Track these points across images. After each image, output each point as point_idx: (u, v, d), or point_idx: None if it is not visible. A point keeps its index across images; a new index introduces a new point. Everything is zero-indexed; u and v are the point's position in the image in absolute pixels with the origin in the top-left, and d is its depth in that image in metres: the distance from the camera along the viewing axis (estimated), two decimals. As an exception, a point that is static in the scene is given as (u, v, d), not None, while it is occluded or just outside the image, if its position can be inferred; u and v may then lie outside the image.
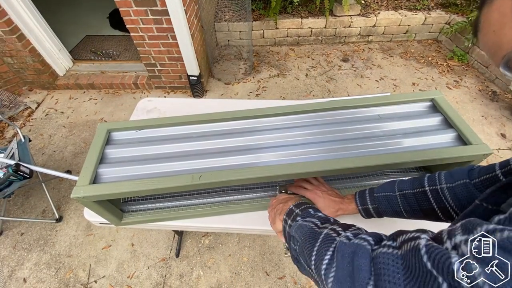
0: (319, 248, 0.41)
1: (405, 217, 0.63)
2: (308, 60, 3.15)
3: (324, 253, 0.39)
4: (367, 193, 0.68)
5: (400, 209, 0.62)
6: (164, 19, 2.12)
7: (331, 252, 0.38)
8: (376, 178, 0.91)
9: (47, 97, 2.77)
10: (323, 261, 0.38)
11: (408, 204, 0.60)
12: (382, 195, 0.65)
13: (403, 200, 0.61)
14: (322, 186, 0.79)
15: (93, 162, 0.74)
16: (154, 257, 1.64)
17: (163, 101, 1.33)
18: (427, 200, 0.57)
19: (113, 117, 2.54)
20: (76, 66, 2.95)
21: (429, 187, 0.57)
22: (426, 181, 0.59)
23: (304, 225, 0.48)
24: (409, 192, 0.60)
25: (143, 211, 0.89)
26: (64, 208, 1.88)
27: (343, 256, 0.36)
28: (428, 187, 0.57)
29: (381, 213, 0.66)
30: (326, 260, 0.38)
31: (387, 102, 0.88)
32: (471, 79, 2.79)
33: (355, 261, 0.34)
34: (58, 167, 2.12)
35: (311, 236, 0.44)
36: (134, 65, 2.92)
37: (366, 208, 0.68)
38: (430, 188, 0.57)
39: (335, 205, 0.73)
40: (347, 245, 0.37)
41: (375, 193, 0.66)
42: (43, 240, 1.73)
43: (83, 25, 3.70)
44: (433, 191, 0.56)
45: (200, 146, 0.82)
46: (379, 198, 0.65)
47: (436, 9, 3.26)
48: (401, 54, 3.19)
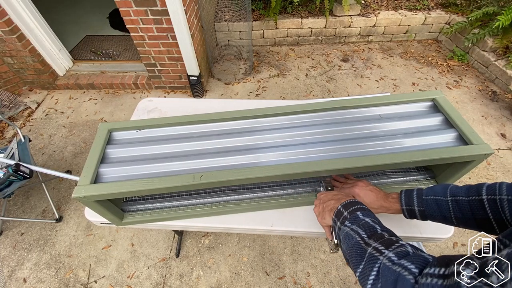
0: (364, 267, 0.45)
1: (454, 225, 0.60)
2: (308, 60, 3.15)
3: (368, 273, 0.43)
4: (414, 194, 0.65)
5: (450, 215, 0.58)
6: (164, 19, 2.12)
7: (375, 272, 0.42)
8: (377, 178, 0.91)
9: (47, 97, 2.77)
10: (367, 280, 0.42)
11: (461, 211, 0.57)
12: (432, 198, 0.61)
13: (455, 206, 0.57)
14: (362, 182, 0.78)
15: (94, 162, 0.74)
16: (154, 257, 1.64)
17: (163, 101, 1.33)
18: (483, 209, 0.53)
19: (113, 117, 2.54)
20: (76, 66, 2.95)
21: (487, 196, 0.52)
22: (484, 190, 0.54)
23: (351, 237, 0.51)
24: (463, 198, 0.56)
25: (144, 211, 0.89)
26: (64, 208, 1.88)
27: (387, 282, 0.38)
28: (486, 195, 0.53)
29: (426, 217, 0.63)
30: (371, 281, 0.42)
31: (388, 102, 0.88)
32: (471, 79, 2.79)
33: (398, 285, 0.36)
34: (58, 167, 2.12)
35: (357, 252, 0.48)
36: (134, 65, 2.92)
37: (411, 209, 0.65)
38: (488, 197, 0.52)
39: (377, 202, 0.71)
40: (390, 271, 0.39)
41: (424, 195, 0.63)
42: (43, 240, 1.73)
43: (83, 25, 3.70)
44: (490, 200, 0.52)
45: (200, 146, 0.82)
46: (427, 201, 0.62)
47: (436, 9, 3.27)
48: (401, 54, 3.19)
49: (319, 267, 1.57)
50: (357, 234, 0.51)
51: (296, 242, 1.68)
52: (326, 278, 1.53)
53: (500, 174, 1.96)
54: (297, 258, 1.61)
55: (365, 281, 0.43)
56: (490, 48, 2.72)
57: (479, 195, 0.54)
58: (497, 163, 2.03)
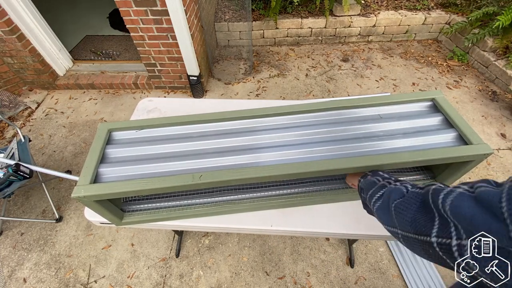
0: (374, 190, 0.61)
1: None
2: (308, 60, 3.15)
3: (376, 193, 0.60)
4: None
5: None
6: (164, 19, 2.12)
7: (381, 192, 0.59)
8: (377, 178, 0.90)
9: (47, 97, 2.77)
10: (374, 197, 0.60)
11: None
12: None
13: None
14: None
15: (94, 162, 0.74)
16: (154, 257, 1.64)
17: (163, 101, 1.33)
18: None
19: (113, 117, 2.54)
20: (76, 66, 2.95)
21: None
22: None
23: (369, 180, 0.66)
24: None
25: (143, 210, 0.89)
26: (64, 208, 1.88)
27: (386, 193, 0.56)
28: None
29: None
30: (376, 197, 0.59)
31: (388, 102, 0.88)
32: (471, 79, 2.79)
33: (392, 194, 0.54)
34: (58, 167, 2.12)
35: (371, 185, 0.64)
36: (134, 65, 2.92)
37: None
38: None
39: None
40: (391, 188, 0.56)
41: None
42: (43, 240, 1.73)
43: (83, 25, 3.70)
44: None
45: (200, 146, 0.82)
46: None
47: (436, 9, 3.27)
48: (401, 54, 3.19)
49: (319, 267, 1.57)
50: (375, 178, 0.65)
51: (296, 242, 1.68)
52: (326, 278, 1.53)
53: (500, 174, 1.96)
54: (297, 258, 1.61)
55: (372, 198, 0.60)
56: (490, 48, 2.72)
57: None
58: (497, 163, 2.03)
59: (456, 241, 0.36)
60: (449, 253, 0.37)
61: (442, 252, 0.38)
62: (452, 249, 0.36)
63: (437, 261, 0.40)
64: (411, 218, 0.46)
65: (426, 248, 0.41)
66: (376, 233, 0.86)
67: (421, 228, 0.43)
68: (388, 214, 0.52)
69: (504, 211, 0.32)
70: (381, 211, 0.55)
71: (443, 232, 0.38)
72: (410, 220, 0.46)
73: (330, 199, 0.92)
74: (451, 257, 0.37)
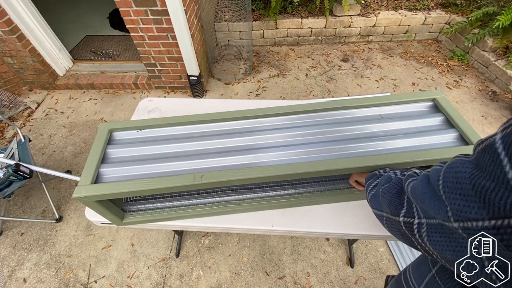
0: (372, 180, 0.65)
1: None
2: (308, 60, 3.15)
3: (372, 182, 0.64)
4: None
5: None
6: (164, 19, 2.12)
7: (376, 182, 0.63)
8: (377, 178, 0.91)
9: (47, 97, 2.77)
10: (370, 186, 0.64)
11: None
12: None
13: None
14: None
15: (95, 162, 0.74)
16: (154, 257, 1.64)
17: (163, 101, 1.33)
18: None
19: (113, 117, 2.54)
20: (76, 66, 2.95)
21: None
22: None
23: (372, 173, 0.69)
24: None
25: (144, 211, 0.89)
26: (64, 208, 1.88)
27: (379, 182, 0.61)
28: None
29: None
30: (372, 186, 0.63)
31: (388, 102, 0.88)
32: (471, 79, 2.79)
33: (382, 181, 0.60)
34: (58, 167, 2.11)
35: (372, 176, 0.67)
36: (134, 65, 2.91)
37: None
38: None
39: None
40: (384, 176, 0.62)
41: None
42: (43, 240, 1.73)
43: (83, 25, 3.70)
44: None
45: (201, 146, 0.82)
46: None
47: (436, 9, 3.27)
48: (401, 54, 3.19)
49: (319, 267, 1.57)
50: (377, 170, 0.69)
51: (296, 242, 1.68)
52: (326, 278, 1.53)
53: (500, 174, 1.96)
54: (297, 258, 1.61)
55: (369, 186, 0.64)
56: (490, 48, 2.72)
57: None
58: (497, 163, 2.03)
59: (417, 220, 0.40)
60: (411, 230, 0.41)
61: (407, 230, 0.43)
62: (413, 227, 0.41)
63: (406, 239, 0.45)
64: (389, 200, 0.50)
65: (399, 227, 0.45)
66: (376, 233, 0.86)
67: (394, 209, 0.47)
68: (377, 198, 0.57)
69: (440, 188, 0.34)
70: (374, 197, 0.59)
71: (408, 213, 0.43)
72: (388, 202, 0.50)
73: (331, 200, 0.92)
74: (412, 234, 0.41)
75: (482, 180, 0.28)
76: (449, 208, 0.32)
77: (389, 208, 0.49)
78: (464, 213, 0.29)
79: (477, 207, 0.28)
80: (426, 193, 0.38)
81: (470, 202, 0.29)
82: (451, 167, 0.35)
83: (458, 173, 0.32)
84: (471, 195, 0.29)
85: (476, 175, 0.29)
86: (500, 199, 0.25)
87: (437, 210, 0.34)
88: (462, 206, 0.30)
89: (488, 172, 0.27)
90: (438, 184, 0.35)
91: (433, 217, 0.36)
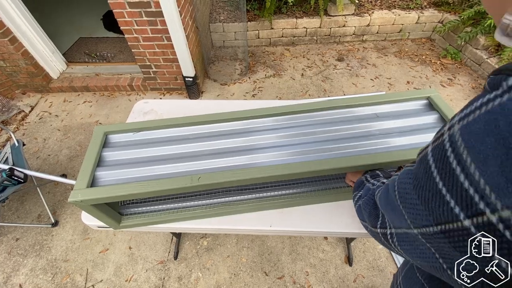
0: (357, 192, 0.65)
1: None
2: (303, 60, 3.16)
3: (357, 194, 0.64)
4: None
5: None
6: (158, 21, 2.11)
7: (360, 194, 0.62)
8: (374, 177, 0.91)
9: (41, 101, 2.74)
10: (355, 198, 0.64)
11: None
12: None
13: None
14: None
15: (91, 165, 0.73)
16: (152, 259, 1.63)
17: (159, 102, 1.32)
18: None
19: (109, 119, 2.52)
20: (70, 68, 2.92)
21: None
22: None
23: (360, 179, 0.69)
24: None
25: (141, 213, 0.88)
26: (60, 213, 1.86)
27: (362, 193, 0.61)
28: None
29: None
30: (357, 197, 0.62)
31: (384, 101, 0.88)
32: (464, 76, 2.82)
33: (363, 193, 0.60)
34: (53, 171, 2.09)
35: (358, 185, 0.67)
36: (129, 67, 2.90)
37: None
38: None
39: None
40: (366, 186, 0.62)
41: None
42: (39, 245, 1.71)
43: (77, 27, 3.67)
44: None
45: (197, 147, 0.81)
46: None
47: (429, 8, 3.30)
48: (395, 53, 3.21)
49: (318, 266, 1.57)
50: (365, 176, 0.68)
51: (294, 241, 1.68)
52: (325, 277, 1.53)
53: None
54: (296, 257, 1.62)
55: (354, 198, 0.64)
56: (483, 46, 2.76)
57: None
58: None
59: (389, 230, 0.41)
60: (387, 241, 0.43)
61: (385, 241, 0.44)
62: (388, 237, 0.42)
63: (389, 249, 0.45)
64: (368, 212, 0.52)
65: (379, 238, 0.47)
66: (374, 231, 0.87)
67: (373, 221, 0.49)
68: (360, 210, 0.58)
69: (397, 198, 0.36)
70: (358, 209, 0.61)
71: (383, 224, 0.44)
72: (368, 214, 0.52)
73: (329, 199, 0.93)
74: (389, 244, 0.42)
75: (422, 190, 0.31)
76: (406, 217, 0.34)
77: (369, 220, 0.51)
78: (418, 221, 0.32)
79: (425, 215, 0.30)
80: (389, 204, 0.40)
81: (419, 211, 0.31)
82: (400, 178, 0.37)
83: (405, 184, 0.35)
84: (418, 203, 0.31)
85: (417, 185, 0.32)
86: (438, 206, 0.28)
87: (399, 219, 0.36)
88: (415, 214, 0.32)
89: (424, 182, 0.30)
90: (395, 195, 0.37)
91: (399, 226, 0.38)
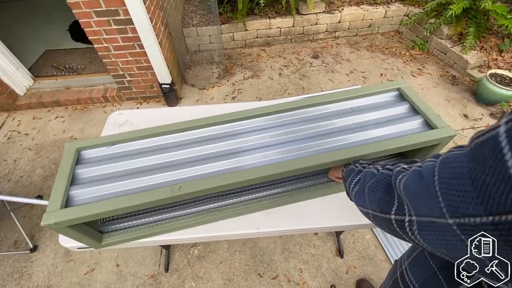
0: (352, 177, 0.64)
1: None
2: (280, 60, 3.19)
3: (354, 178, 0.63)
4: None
5: None
6: (128, 28, 2.05)
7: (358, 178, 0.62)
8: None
9: (8, 119, 2.57)
10: (352, 183, 0.63)
11: None
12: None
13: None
14: None
15: (63, 185, 0.69)
16: (142, 275, 1.58)
17: (135, 113, 1.28)
18: None
19: (84, 134, 2.41)
20: (38, 83, 2.77)
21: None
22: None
23: (349, 168, 0.68)
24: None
25: (124, 229, 0.85)
26: (38, 236, 1.75)
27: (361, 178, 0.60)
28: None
29: None
30: (354, 182, 0.62)
31: (358, 95, 0.91)
32: (432, 66, 2.96)
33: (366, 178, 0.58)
34: (28, 193, 1.97)
35: (351, 172, 0.66)
36: (102, 77, 2.79)
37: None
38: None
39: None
40: (365, 171, 0.60)
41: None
42: (18, 273, 1.60)
43: (42, 40, 3.48)
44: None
45: (177, 156, 0.80)
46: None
47: (394, 2, 3.44)
48: (367, 47, 3.32)
49: (311, 262, 1.59)
50: (354, 164, 0.68)
51: (285, 240, 1.69)
52: (319, 272, 1.55)
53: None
54: (288, 255, 1.62)
55: (351, 183, 0.63)
56: (446, 36, 2.91)
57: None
58: (463, 142, 2.17)
59: (408, 217, 0.40)
60: (402, 228, 0.41)
61: (398, 228, 0.42)
62: (405, 224, 0.40)
63: (397, 235, 0.45)
64: (378, 198, 0.50)
65: (388, 224, 0.45)
66: (361, 222, 0.89)
67: (384, 207, 0.47)
68: (363, 196, 0.56)
69: (436, 184, 0.34)
70: (358, 195, 0.59)
71: (400, 210, 0.42)
72: (377, 200, 0.50)
73: (313, 195, 0.94)
74: (404, 232, 0.41)
75: (481, 175, 0.27)
76: (443, 205, 0.32)
77: (379, 206, 0.49)
78: (461, 209, 0.29)
79: (475, 203, 0.27)
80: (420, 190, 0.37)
81: (467, 198, 0.28)
82: (446, 162, 0.34)
83: (454, 168, 0.31)
84: (469, 190, 0.28)
85: (474, 170, 0.28)
86: (501, 194, 0.25)
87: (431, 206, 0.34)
88: (459, 202, 0.29)
89: (487, 166, 0.27)
90: (433, 181, 0.34)
91: (426, 214, 0.36)
